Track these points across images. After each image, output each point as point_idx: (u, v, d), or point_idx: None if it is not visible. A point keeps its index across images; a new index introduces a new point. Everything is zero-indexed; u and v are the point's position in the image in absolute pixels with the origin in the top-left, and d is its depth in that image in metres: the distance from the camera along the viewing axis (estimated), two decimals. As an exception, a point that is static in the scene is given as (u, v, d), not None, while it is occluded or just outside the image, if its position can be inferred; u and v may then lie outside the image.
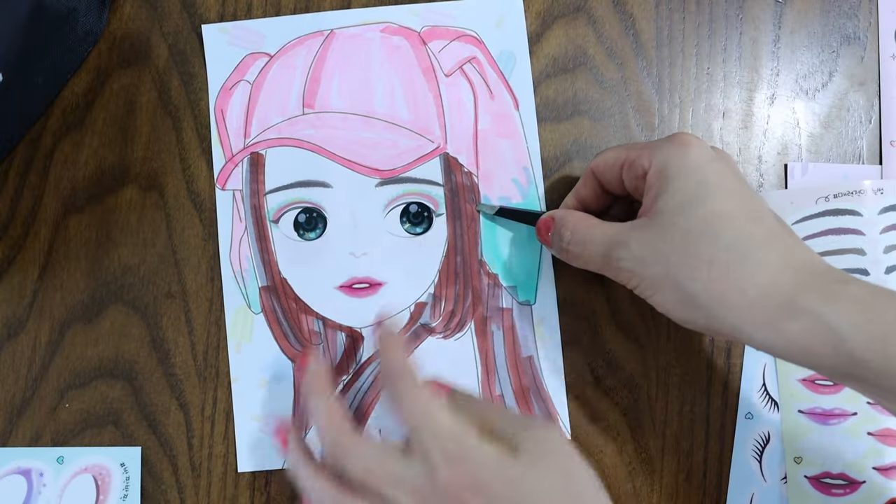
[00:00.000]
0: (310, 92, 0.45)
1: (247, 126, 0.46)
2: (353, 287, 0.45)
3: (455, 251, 0.45)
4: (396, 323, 0.45)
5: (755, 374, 0.45)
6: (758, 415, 0.45)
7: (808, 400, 0.45)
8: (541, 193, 0.45)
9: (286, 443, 0.39)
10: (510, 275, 0.45)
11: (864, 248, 0.45)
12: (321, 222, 0.45)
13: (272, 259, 0.45)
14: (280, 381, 0.44)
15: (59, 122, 0.46)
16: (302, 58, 0.46)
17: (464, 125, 0.45)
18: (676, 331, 0.45)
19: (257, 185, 0.45)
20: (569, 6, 0.47)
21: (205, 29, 0.46)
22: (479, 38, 0.46)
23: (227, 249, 0.45)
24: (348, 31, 0.46)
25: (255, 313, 0.45)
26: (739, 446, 0.45)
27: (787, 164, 0.47)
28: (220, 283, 0.45)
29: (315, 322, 0.45)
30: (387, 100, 0.45)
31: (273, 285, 0.45)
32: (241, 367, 0.45)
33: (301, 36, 0.46)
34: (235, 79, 0.46)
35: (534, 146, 0.46)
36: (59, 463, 0.44)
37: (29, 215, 0.46)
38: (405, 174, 0.45)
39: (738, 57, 0.47)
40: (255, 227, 0.45)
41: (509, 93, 0.46)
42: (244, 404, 0.44)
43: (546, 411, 0.44)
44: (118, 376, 0.45)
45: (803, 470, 0.44)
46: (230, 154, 0.45)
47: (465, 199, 0.45)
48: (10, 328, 0.45)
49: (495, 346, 0.45)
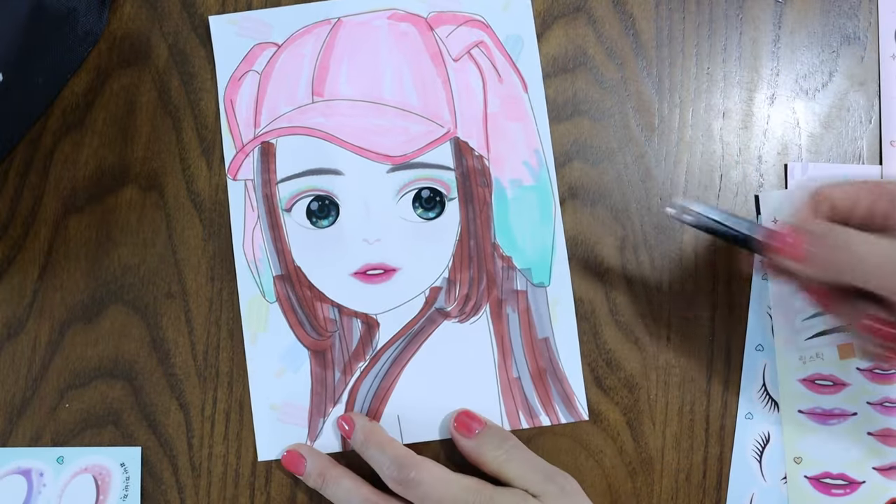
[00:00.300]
0: (319, 80, 0.46)
1: (256, 116, 0.46)
2: (367, 273, 0.45)
3: (468, 235, 0.45)
4: (412, 308, 0.45)
5: (755, 374, 0.45)
6: (758, 415, 0.45)
7: (809, 400, 0.45)
8: (552, 176, 0.45)
9: (300, 469, 0.43)
10: (524, 257, 0.45)
11: None
12: (334, 210, 0.45)
13: (286, 248, 0.45)
14: (297, 369, 0.45)
15: (59, 122, 0.46)
16: (310, 46, 0.46)
17: (473, 109, 0.46)
18: (676, 331, 0.45)
19: (269, 174, 0.45)
20: (569, 6, 0.47)
21: (212, 20, 0.46)
22: (486, 23, 0.46)
23: (240, 239, 0.45)
24: (356, 19, 0.46)
25: (270, 302, 0.45)
26: (739, 446, 0.45)
27: (787, 164, 0.47)
28: (220, 283, 0.45)
29: (330, 309, 0.45)
30: (396, 86, 0.46)
31: (287, 274, 0.45)
32: (257, 356, 0.45)
33: (308, 25, 0.46)
34: (244, 69, 0.46)
35: (544, 129, 0.46)
36: (59, 463, 0.44)
37: (29, 215, 0.46)
38: (416, 159, 0.45)
39: (738, 57, 0.47)
40: (267, 217, 0.45)
41: (518, 76, 0.46)
42: (261, 393, 0.44)
43: (563, 392, 0.45)
44: (118, 376, 0.45)
45: (803, 470, 0.44)
46: (241, 144, 0.46)
47: (477, 183, 0.45)
48: (10, 328, 0.45)
49: (511, 329, 0.45)
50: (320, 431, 0.44)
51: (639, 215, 0.46)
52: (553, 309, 0.45)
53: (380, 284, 0.45)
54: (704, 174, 0.46)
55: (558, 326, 0.45)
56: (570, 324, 0.45)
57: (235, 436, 0.45)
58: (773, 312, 0.45)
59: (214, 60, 0.46)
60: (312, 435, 0.44)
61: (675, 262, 0.46)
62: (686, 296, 0.46)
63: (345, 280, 0.45)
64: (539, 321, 0.45)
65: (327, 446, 0.44)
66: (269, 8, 0.47)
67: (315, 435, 0.44)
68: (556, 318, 0.45)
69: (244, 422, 0.45)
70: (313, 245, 0.45)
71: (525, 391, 0.45)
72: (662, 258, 0.46)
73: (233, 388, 0.45)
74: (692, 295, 0.46)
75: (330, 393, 0.44)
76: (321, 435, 0.44)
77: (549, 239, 0.45)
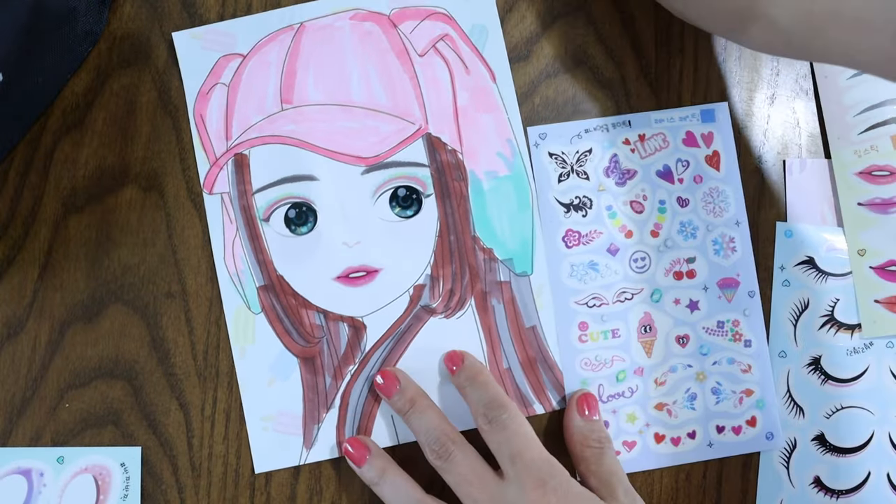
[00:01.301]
0: (286, 87, 0.45)
1: (227, 128, 0.45)
2: (349, 277, 0.45)
3: (448, 230, 0.45)
4: (397, 307, 0.45)
5: (780, 380, 0.45)
6: (783, 420, 0.45)
7: (867, 192, 0.45)
8: (527, 163, 0.45)
9: (363, 458, 0.43)
10: (505, 248, 0.45)
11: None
12: (311, 216, 0.45)
13: (267, 258, 0.45)
14: (287, 377, 0.44)
15: (59, 122, 0.46)
16: (275, 54, 0.46)
17: (443, 104, 0.45)
18: (676, 330, 0.45)
19: (244, 185, 0.45)
20: (569, 6, 0.47)
21: (175, 36, 0.46)
22: (449, 15, 0.46)
23: (220, 253, 0.45)
24: (318, 22, 0.46)
25: (256, 313, 0.45)
26: (766, 452, 0.45)
27: (786, 160, 0.47)
28: (219, 285, 0.45)
29: (316, 315, 0.45)
30: (363, 86, 0.45)
31: (270, 284, 0.45)
32: (247, 369, 0.45)
33: (272, 32, 0.46)
34: (211, 83, 0.46)
35: (515, 117, 0.46)
36: (60, 463, 0.44)
37: (29, 215, 0.46)
38: (389, 159, 0.45)
39: (738, 57, 0.47)
40: (246, 228, 0.45)
41: (485, 66, 0.46)
42: (254, 406, 0.44)
43: (554, 379, 0.45)
44: (118, 376, 0.45)
45: (868, 261, 0.45)
46: (213, 158, 0.45)
47: (452, 178, 0.45)
48: (10, 328, 0.45)
49: (498, 321, 0.45)
50: (315, 438, 0.44)
51: (639, 215, 0.46)
52: (538, 297, 0.45)
53: (363, 286, 0.45)
54: (704, 174, 0.46)
55: (544, 314, 0.45)
56: (556, 310, 0.45)
57: (235, 436, 0.45)
58: (825, 110, 0.46)
59: (181, 76, 0.46)
60: (308, 442, 0.44)
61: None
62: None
63: (328, 285, 0.45)
64: (525, 310, 0.45)
65: (322, 454, 0.44)
66: (232, 19, 0.46)
67: (311, 442, 0.44)
68: (542, 306, 0.45)
69: (244, 422, 0.45)
70: (294, 253, 0.45)
71: (517, 381, 0.45)
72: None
73: (233, 388, 0.45)
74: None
75: (322, 399, 0.44)
76: (316, 442, 0.44)
77: (529, 228, 0.45)
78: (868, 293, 0.44)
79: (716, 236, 0.45)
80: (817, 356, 0.45)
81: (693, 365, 0.45)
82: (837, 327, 0.45)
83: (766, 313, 0.45)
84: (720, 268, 0.45)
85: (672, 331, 0.45)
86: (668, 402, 0.45)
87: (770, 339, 0.45)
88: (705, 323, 0.45)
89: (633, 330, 0.45)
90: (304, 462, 0.44)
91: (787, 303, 0.45)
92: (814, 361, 0.45)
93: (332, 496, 0.45)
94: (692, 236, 0.45)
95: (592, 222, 0.45)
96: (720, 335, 0.45)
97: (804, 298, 0.45)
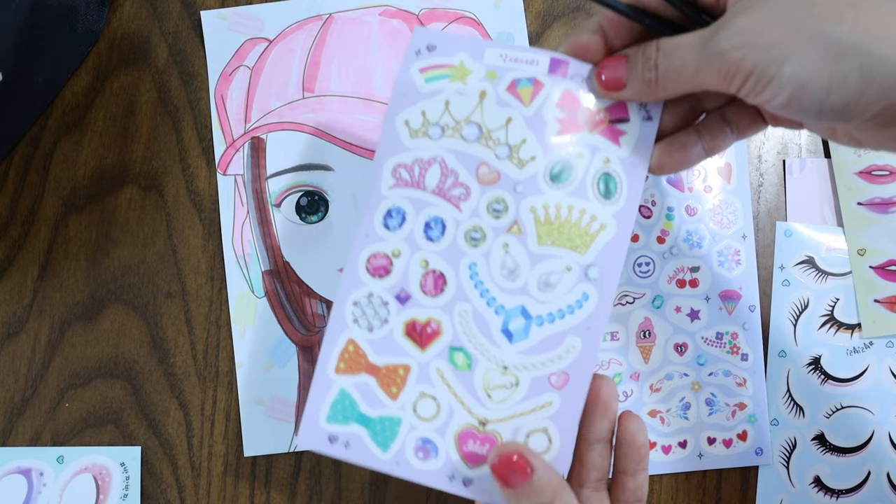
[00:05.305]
0: (309, 76, 0.46)
1: (247, 111, 0.46)
2: None
3: None
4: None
5: (780, 380, 0.45)
6: (783, 421, 0.45)
7: (867, 192, 0.45)
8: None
9: (514, 480, 0.31)
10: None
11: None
12: (323, 205, 0.45)
13: (274, 243, 0.45)
14: (284, 364, 0.45)
15: (59, 121, 0.46)
16: (301, 42, 0.46)
17: None
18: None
19: (259, 169, 0.45)
20: (569, 6, 0.47)
21: (204, 15, 0.46)
22: (477, 20, 0.46)
23: (229, 234, 0.45)
24: (347, 15, 0.46)
25: (259, 297, 0.45)
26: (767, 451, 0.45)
27: (786, 160, 0.47)
28: (220, 282, 0.45)
29: (319, 305, 0.45)
30: (386, 82, 0.46)
31: (276, 269, 0.45)
32: (245, 351, 0.45)
33: (300, 20, 0.46)
34: (235, 64, 0.46)
35: None
36: (60, 463, 0.44)
37: (29, 215, 0.46)
38: None
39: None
40: (256, 212, 0.45)
41: None
42: (249, 388, 0.45)
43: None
44: (118, 376, 0.45)
45: (867, 261, 0.45)
46: (231, 139, 0.46)
47: None
48: (10, 328, 0.45)
49: None
50: None
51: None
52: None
53: None
54: (704, 174, 0.46)
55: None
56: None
57: (235, 435, 0.45)
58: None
59: (206, 56, 0.46)
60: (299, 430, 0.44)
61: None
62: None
63: (333, 276, 0.45)
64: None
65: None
66: (262, 3, 0.47)
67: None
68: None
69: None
70: (302, 240, 0.45)
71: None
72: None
73: (232, 388, 0.45)
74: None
75: None
76: None
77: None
78: (868, 293, 0.44)
79: (721, 248, 0.45)
80: (817, 356, 0.45)
81: (689, 374, 0.45)
82: (837, 327, 0.45)
83: (765, 314, 0.45)
84: (723, 279, 0.45)
85: (671, 338, 0.45)
86: (662, 409, 0.44)
87: (770, 338, 0.45)
88: (705, 333, 0.45)
89: (632, 334, 0.45)
90: (294, 450, 0.44)
91: (786, 302, 0.45)
92: (814, 361, 0.45)
93: (332, 496, 0.45)
94: (698, 246, 0.45)
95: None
96: (718, 346, 0.45)
97: (804, 298, 0.45)
